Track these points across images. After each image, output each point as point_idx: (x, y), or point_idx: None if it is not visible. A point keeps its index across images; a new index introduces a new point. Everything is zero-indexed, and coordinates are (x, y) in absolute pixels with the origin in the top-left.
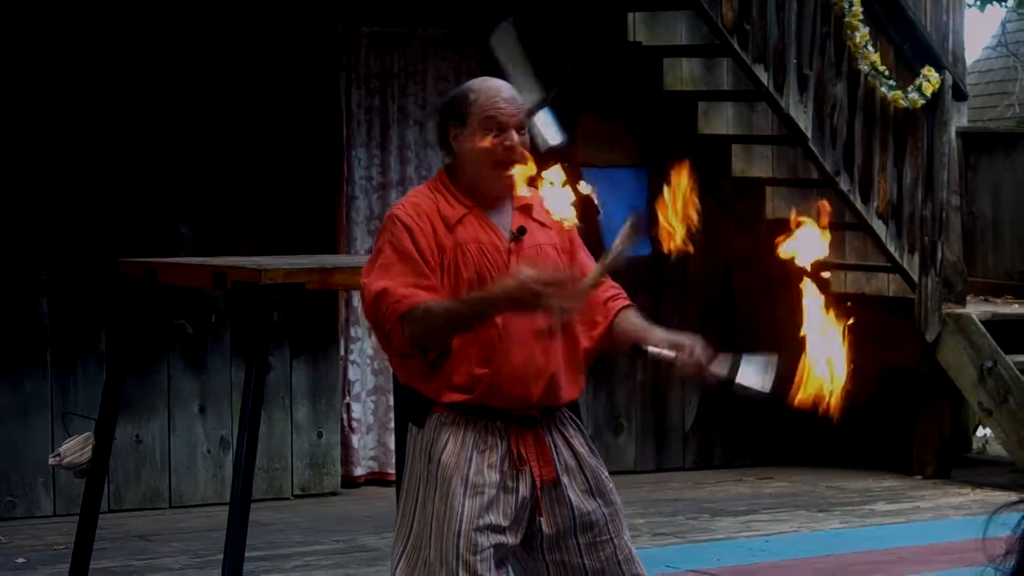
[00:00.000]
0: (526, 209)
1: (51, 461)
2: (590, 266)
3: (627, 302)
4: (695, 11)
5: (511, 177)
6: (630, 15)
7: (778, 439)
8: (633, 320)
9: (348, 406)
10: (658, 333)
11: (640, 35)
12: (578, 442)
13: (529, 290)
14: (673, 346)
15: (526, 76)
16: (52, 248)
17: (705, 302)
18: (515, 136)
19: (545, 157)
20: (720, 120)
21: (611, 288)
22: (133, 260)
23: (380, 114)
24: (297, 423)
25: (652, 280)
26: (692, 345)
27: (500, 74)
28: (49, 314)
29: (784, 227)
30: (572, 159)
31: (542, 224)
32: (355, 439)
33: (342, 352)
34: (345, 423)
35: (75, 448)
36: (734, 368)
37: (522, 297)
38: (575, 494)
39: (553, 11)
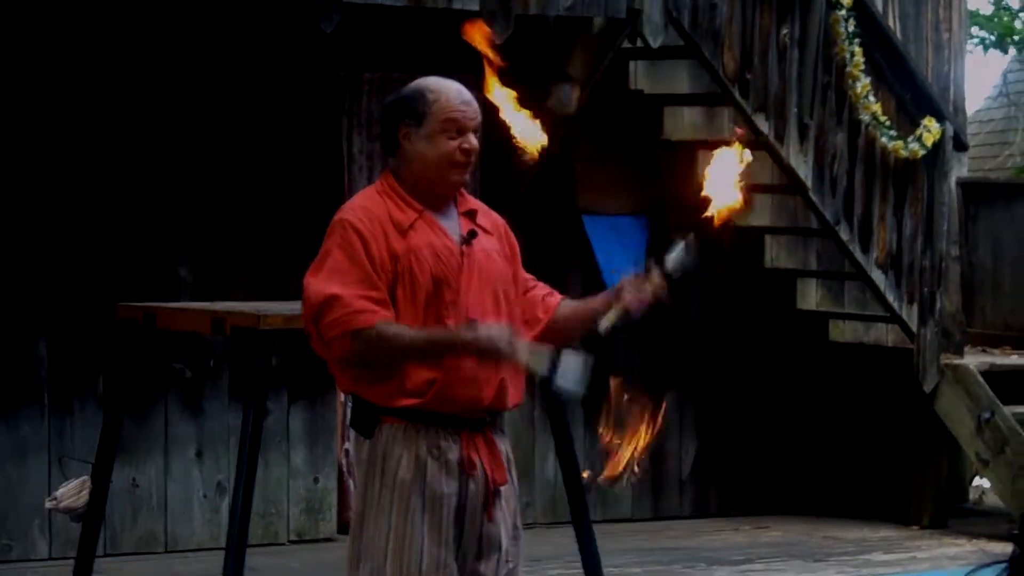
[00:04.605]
0: (471, 214)
1: (48, 504)
2: (523, 271)
3: (562, 296)
4: (697, 60)
5: (464, 179)
6: (631, 63)
7: (775, 488)
8: (570, 305)
9: (347, 451)
10: (597, 301)
11: (642, 84)
12: (512, 461)
13: (497, 346)
14: (616, 298)
15: None
16: (50, 291)
17: (704, 348)
18: (472, 139)
19: None
20: None
21: (545, 288)
22: (132, 304)
23: (381, 159)
24: (294, 468)
25: (650, 326)
26: (634, 281)
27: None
28: (47, 357)
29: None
30: (572, 208)
31: (485, 230)
32: (352, 484)
33: (341, 397)
34: (344, 468)
35: (72, 492)
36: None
37: (490, 350)
38: (504, 512)
39: (555, 59)
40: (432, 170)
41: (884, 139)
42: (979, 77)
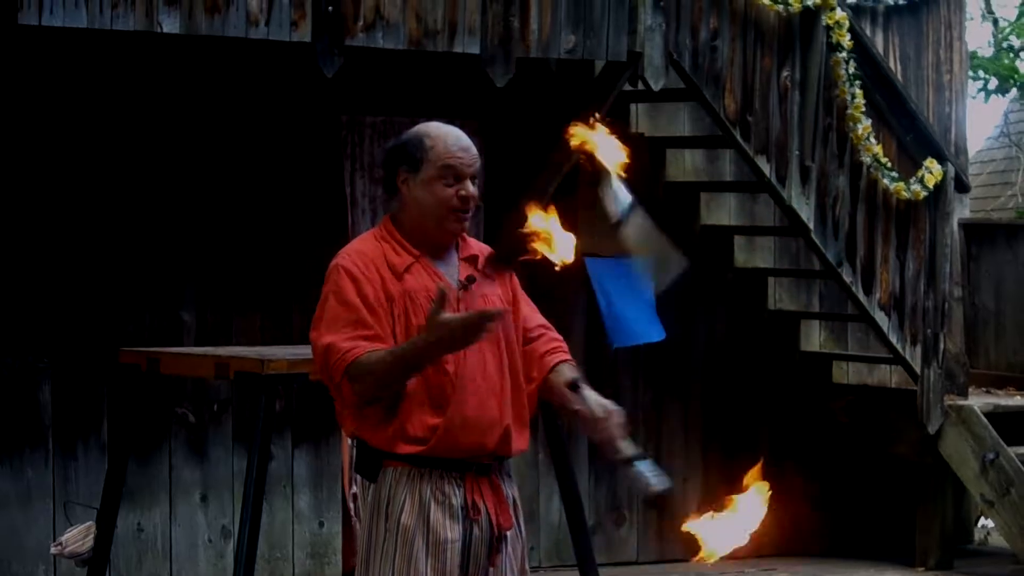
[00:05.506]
0: (472, 260)
1: (53, 550)
2: (531, 317)
3: (564, 356)
4: (698, 103)
5: (462, 226)
6: (633, 106)
7: (780, 530)
8: (566, 374)
9: (355, 495)
10: (588, 391)
11: (643, 126)
12: (518, 506)
13: (454, 332)
14: (597, 407)
15: (666, 249)
16: (54, 336)
17: (708, 390)
18: (470, 186)
19: None
20: (722, 211)
21: (551, 341)
22: (135, 349)
23: (384, 203)
24: (298, 512)
25: (654, 368)
26: (612, 413)
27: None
28: (51, 402)
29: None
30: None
31: (487, 275)
32: (359, 527)
33: (348, 441)
34: (351, 512)
35: (77, 537)
36: (635, 460)
37: (451, 340)
38: (510, 557)
39: (556, 102)
40: (429, 216)
41: (886, 181)
42: (980, 117)
